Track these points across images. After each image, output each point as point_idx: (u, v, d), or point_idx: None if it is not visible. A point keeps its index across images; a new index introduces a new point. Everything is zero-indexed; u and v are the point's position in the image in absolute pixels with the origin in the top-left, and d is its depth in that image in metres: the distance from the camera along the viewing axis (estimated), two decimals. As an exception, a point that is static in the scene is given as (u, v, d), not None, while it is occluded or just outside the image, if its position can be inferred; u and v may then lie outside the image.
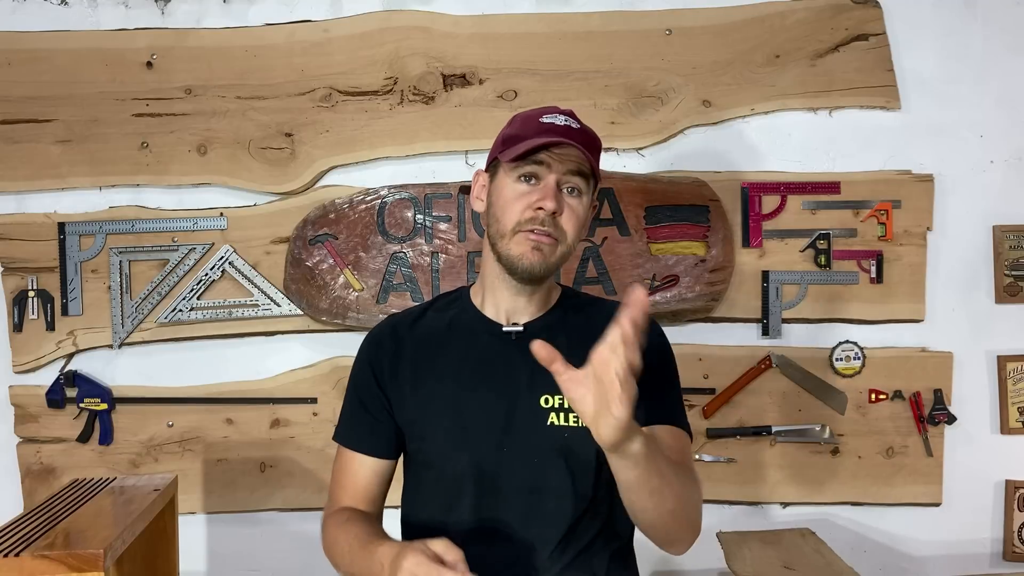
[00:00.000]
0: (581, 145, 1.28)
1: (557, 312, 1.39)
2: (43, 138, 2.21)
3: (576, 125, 1.33)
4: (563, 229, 1.30)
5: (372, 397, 1.39)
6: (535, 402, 1.31)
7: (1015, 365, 2.28)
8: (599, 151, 1.36)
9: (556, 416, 1.30)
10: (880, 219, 2.25)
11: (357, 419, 1.40)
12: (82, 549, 1.31)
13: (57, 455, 2.22)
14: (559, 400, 1.30)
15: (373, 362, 1.40)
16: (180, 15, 2.23)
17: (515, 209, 1.29)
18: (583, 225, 1.34)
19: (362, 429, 1.39)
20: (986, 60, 2.27)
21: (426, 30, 2.22)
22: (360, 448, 1.39)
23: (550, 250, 1.29)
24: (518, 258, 1.29)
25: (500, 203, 1.32)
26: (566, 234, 1.30)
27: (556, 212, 1.28)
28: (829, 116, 2.27)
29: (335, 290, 2.19)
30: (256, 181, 2.23)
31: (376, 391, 1.38)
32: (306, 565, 2.25)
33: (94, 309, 2.21)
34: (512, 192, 1.31)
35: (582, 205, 1.32)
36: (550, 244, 1.29)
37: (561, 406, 1.30)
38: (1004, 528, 2.29)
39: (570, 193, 1.31)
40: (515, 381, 1.32)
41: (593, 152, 1.32)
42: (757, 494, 2.27)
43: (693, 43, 2.24)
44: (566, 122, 1.32)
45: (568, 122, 1.32)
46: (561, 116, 1.33)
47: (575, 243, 1.33)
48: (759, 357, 2.24)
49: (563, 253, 1.31)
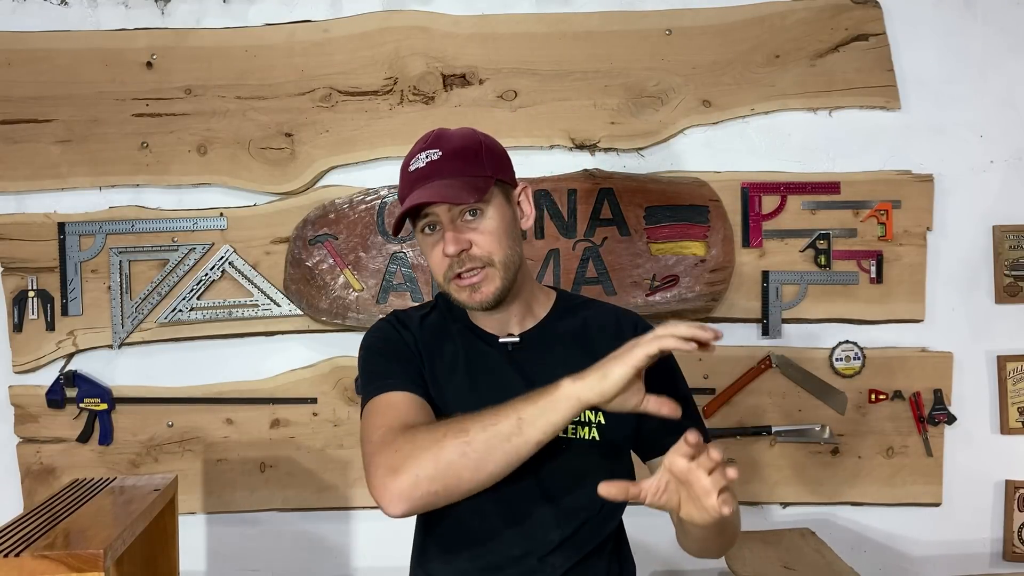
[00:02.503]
0: (449, 174, 1.25)
1: (552, 320, 1.38)
2: (43, 138, 2.21)
3: (437, 156, 1.26)
4: (482, 256, 1.26)
5: (408, 351, 1.32)
6: None
7: (1015, 365, 2.28)
8: (477, 154, 1.28)
9: None
10: (880, 219, 2.25)
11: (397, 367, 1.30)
12: (82, 549, 1.31)
13: (57, 455, 2.22)
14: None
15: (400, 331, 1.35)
16: (180, 15, 2.23)
17: (435, 262, 1.29)
18: (506, 233, 1.28)
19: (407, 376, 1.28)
20: (986, 60, 2.28)
21: (426, 30, 2.22)
22: (412, 389, 1.26)
23: (487, 283, 1.27)
24: (467, 302, 1.29)
25: (426, 258, 1.33)
26: (489, 255, 1.27)
27: (464, 249, 1.26)
28: (829, 116, 2.27)
29: (335, 290, 2.19)
30: (256, 181, 2.23)
31: (409, 350, 1.32)
32: (306, 565, 2.26)
33: (94, 309, 2.21)
34: (427, 246, 1.31)
35: (491, 219, 1.27)
36: (481, 278, 1.27)
37: None
38: (1004, 528, 2.30)
39: (472, 215, 1.27)
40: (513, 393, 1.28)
41: (469, 163, 1.27)
42: (757, 494, 2.27)
43: (693, 43, 2.24)
44: (428, 158, 1.27)
45: (430, 156, 1.27)
46: (424, 153, 1.27)
47: (508, 256, 1.28)
48: (759, 357, 2.24)
49: (503, 272, 1.27)
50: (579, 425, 1.30)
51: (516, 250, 1.30)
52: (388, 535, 2.17)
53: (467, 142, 1.30)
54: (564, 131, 2.24)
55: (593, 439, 1.30)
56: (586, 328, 1.37)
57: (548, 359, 1.32)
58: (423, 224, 1.30)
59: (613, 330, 1.36)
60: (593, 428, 1.30)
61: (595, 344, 1.33)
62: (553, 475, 1.28)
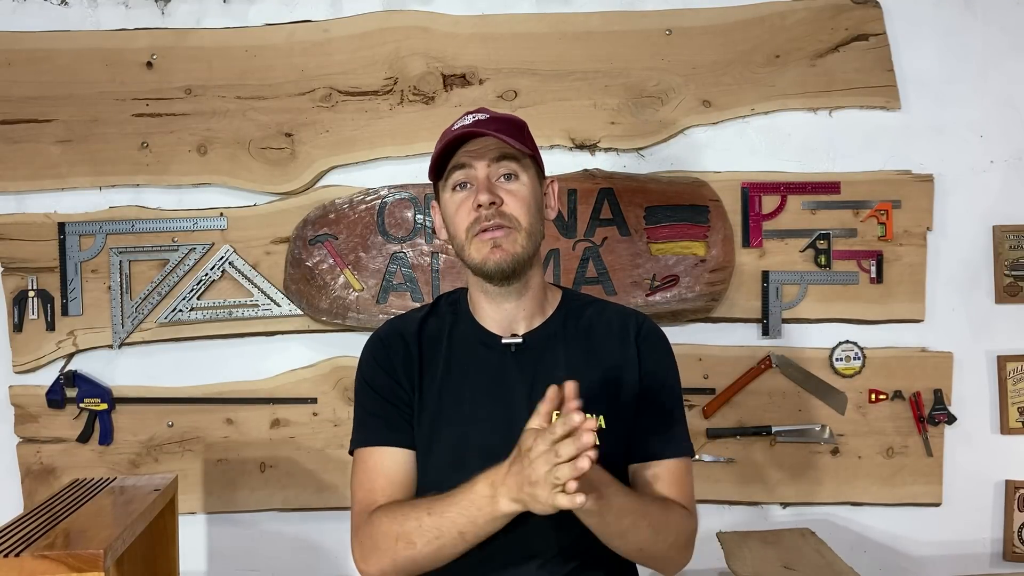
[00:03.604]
0: (495, 131, 1.26)
1: (557, 320, 1.37)
2: (43, 138, 2.21)
3: (485, 116, 1.31)
4: (511, 215, 1.27)
5: (390, 390, 1.34)
6: None
7: (1015, 365, 2.28)
8: (522, 129, 1.33)
9: None
10: (880, 219, 2.24)
11: (377, 417, 1.33)
12: (82, 549, 1.32)
13: (57, 455, 2.22)
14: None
15: (383, 361, 1.36)
16: (180, 15, 2.23)
17: (461, 217, 1.30)
18: (534, 205, 1.30)
19: (386, 425, 1.33)
20: (986, 60, 2.27)
21: (426, 30, 2.22)
22: (389, 442, 1.31)
23: (509, 242, 1.27)
24: (483, 262, 1.28)
25: (449, 219, 1.33)
26: (517, 219, 1.28)
27: (495, 203, 1.26)
28: (829, 116, 2.27)
29: (335, 290, 2.19)
30: (256, 181, 2.23)
31: (393, 385, 1.34)
32: (306, 565, 2.26)
33: (94, 309, 2.21)
34: (453, 204, 1.31)
35: (524, 185, 1.29)
36: (504, 234, 1.27)
37: None
38: (1004, 528, 2.29)
39: (507, 180, 1.29)
40: (515, 395, 1.30)
41: (514, 132, 1.29)
42: (757, 494, 2.27)
43: (693, 43, 2.24)
44: (475, 118, 1.30)
45: (477, 117, 1.30)
46: (471, 116, 1.32)
47: (533, 226, 1.30)
48: (759, 357, 2.24)
49: (525, 240, 1.28)
50: None
51: (539, 227, 1.32)
52: (388, 535, 2.19)
53: (512, 118, 1.34)
54: (564, 131, 2.24)
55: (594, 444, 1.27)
56: (591, 329, 1.35)
57: (550, 360, 1.31)
58: (455, 181, 1.30)
59: (618, 332, 1.35)
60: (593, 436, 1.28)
61: (599, 346, 1.33)
62: None
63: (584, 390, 1.24)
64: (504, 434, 1.27)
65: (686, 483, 1.34)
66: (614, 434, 1.29)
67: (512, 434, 1.27)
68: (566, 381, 1.07)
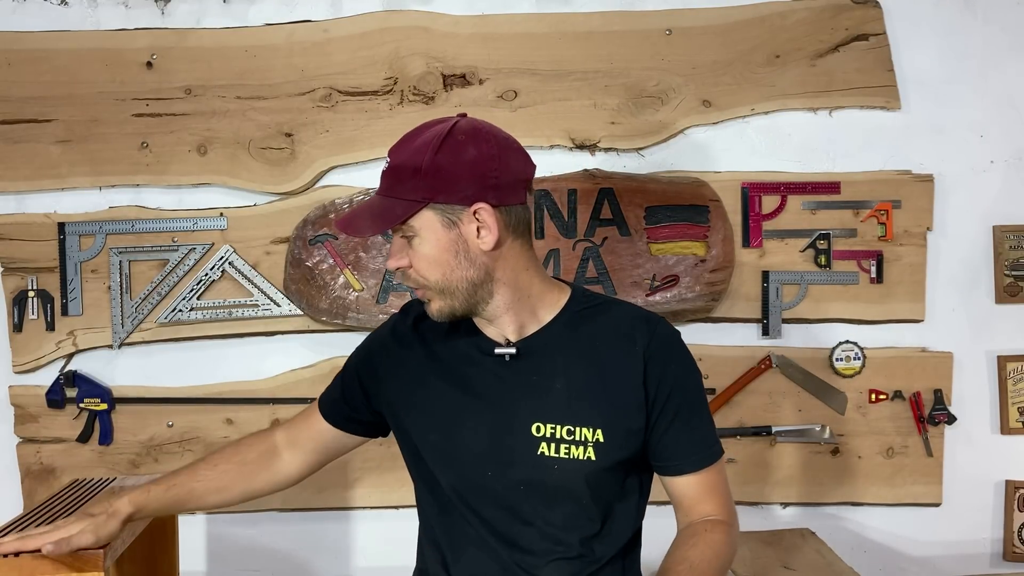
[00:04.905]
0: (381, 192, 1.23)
1: (558, 325, 1.29)
2: (43, 138, 2.21)
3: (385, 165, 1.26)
4: (416, 279, 1.24)
5: (355, 387, 1.41)
6: (527, 429, 1.24)
7: (1015, 365, 2.28)
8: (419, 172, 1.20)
9: (547, 446, 1.23)
10: (880, 219, 2.25)
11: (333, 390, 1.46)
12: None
13: (57, 455, 2.22)
14: (551, 429, 1.23)
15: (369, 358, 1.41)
16: (180, 15, 2.23)
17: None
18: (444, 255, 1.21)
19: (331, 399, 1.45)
20: (986, 60, 2.27)
21: (426, 30, 2.22)
22: (321, 410, 1.45)
23: (432, 299, 1.25)
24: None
25: None
26: (424, 280, 1.23)
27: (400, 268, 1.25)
28: (829, 116, 2.27)
29: (335, 290, 2.19)
30: (256, 181, 2.23)
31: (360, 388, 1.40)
32: (306, 565, 2.26)
33: (94, 309, 2.21)
34: None
35: (425, 241, 1.21)
36: (423, 294, 1.26)
37: (553, 436, 1.23)
38: (1004, 528, 2.30)
39: (408, 238, 1.23)
40: (508, 405, 1.26)
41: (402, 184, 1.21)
42: (757, 494, 2.27)
43: (693, 43, 2.24)
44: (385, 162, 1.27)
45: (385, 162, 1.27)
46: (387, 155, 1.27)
47: (447, 277, 1.22)
48: (759, 357, 2.24)
49: (440, 295, 1.23)
50: (572, 444, 1.23)
51: (460, 273, 1.22)
52: (388, 535, 2.19)
53: (412, 157, 1.22)
54: (564, 131, 2.24)
55: (588, 459, 1.23)
56: (595, 336, 1.28)
57: (546, 370, 1.26)
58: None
59: (623, 340, 1.27)
60: (589, 447, 1.23)
61: (601, 354, 1.26)
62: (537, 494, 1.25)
63: (582, 400, 1.24)
64: (492, 445, 1.26)
65: (721, 490, 1.31)
66: (614, 445, 1.24)
67: (503, 442, 1.26)
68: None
